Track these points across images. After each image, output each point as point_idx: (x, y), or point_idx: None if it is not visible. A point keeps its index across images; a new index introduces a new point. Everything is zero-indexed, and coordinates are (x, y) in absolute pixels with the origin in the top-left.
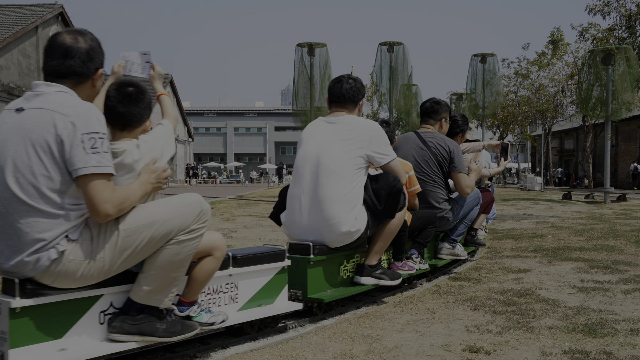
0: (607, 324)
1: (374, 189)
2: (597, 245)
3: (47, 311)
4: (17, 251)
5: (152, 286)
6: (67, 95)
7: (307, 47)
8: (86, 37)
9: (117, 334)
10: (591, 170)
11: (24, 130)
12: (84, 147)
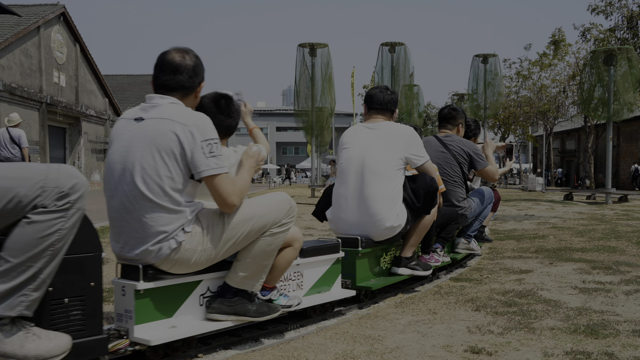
0: (609, 325)
1: (412, 188)
2: (599, 246)
3: (162, 293)
4: (141, 242)
5: (246, 273)
6: (179, 106)
7: (308, 48)
8: (191, 55)
9: (215, 314)
10: (592, 170)
11: (149, 137)
12: (204, 153)
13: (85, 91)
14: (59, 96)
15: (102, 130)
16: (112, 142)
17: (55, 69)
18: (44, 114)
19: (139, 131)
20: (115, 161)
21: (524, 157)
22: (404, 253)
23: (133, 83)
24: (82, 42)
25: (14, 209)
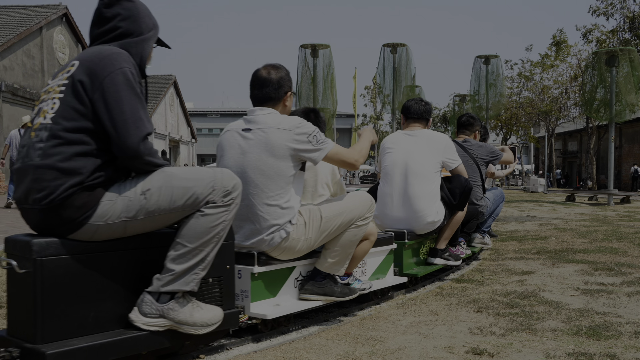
0: (611, 326)
1: (448, 187)
2: (601, 247)
3: (270, 276)
4: (257, 233)
5: (334, 259)
6: (275, 114)
7: (310, 48)
8: (276, 70)
9: (308, 294)
10: (595, 172)
11: (261, 143)
12: (312, 144)
13: None
14: None
15: None
16: (224, 150)
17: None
18: None
19: (250, 140)
20: (231, 166)
21: (526, 158)
22: (439, 245)
23: None
24: (85, 42)
25: (192, 204)
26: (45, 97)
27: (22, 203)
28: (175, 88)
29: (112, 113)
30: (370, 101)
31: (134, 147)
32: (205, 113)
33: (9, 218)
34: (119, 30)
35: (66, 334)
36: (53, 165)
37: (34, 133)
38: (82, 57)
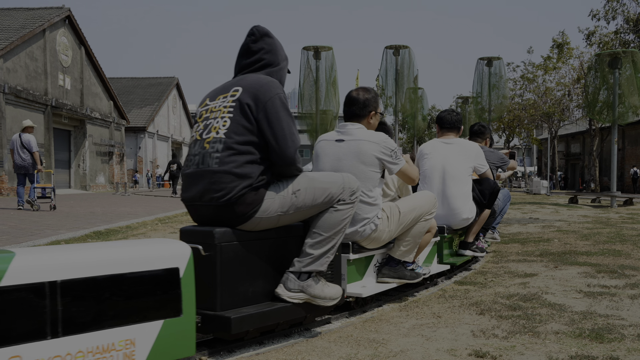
0: (614, 329)
1: (479, 189)
2: (604, 249)
3: (359, 262)
4: (352, 225)
5: (406, 248)
6: (363, 129)
7: (313, 51)
8: (365, 92)
9: (385, 277)
10: (597, 174)
11: (353, 152)
12: (392, 158)
13: (90, 94)
14: (64, 99)
15: (106, 132)
16: (320, 157)
17: (61, 71)
18: (49, 117)
19: (343, 149)
20: (328, 169)
21: (529, 160)
22: (468, 239)
23: (138, 86)
24: (87, 44)
25: (328, 202)
26: (209, 116)
27: (195, 201)
28: (178, 90)
29: (274, 130)
30: None
31: (291, 157)
32: None
33: (12, 220)
34: (263, 61)
35: (236, 304)
36: (229, 171)
37: (208, 145)
38: (244, 84)
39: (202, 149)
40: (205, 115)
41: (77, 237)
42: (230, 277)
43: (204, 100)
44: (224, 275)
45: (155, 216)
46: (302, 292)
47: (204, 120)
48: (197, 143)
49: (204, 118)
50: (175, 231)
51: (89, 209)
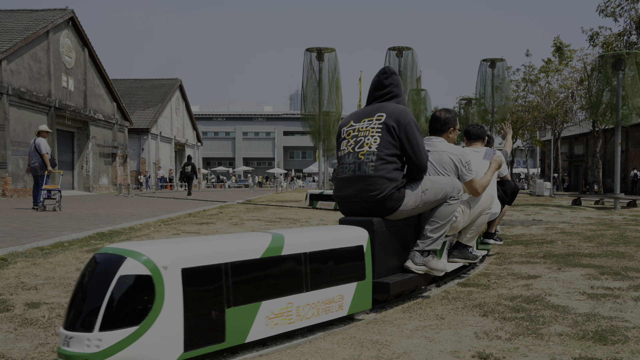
0: (618, 331)
1: (502, 189)
2: (607, 251)
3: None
4: None
5: (471, 235)
6: (445, 142)
7: (316, 52)
8: (446, 112)
9: (455, 258)
10: (601, 175)
11: (437, 161)
12: (466, 169)
13: (93, 95)
14: (68, 100)
15: (110, 134)
16: None
17: (64, 73)
18: (53, 118)
19: (430, 157)
20: None
21: (532, 162)
22: (491, 229)
23: (141, 87)
24: (91, 46)
25: (442, 198)
26: (358, 134)
27: (350, 198)
28: (181, 91)
29: (412, 145)
30: None
31: (424, 165)
32: (211, 116)
33: (15, 222)
34: (392, 93)
35: (385, 274)
36: (382, 176)
37: (363, 156)
38: (387, 111)
39: (357, 159)
40: (353, 133)
41: (80, 238)
42: (382, 254)
43: (348, 121)
44: (378, 253)
45: (158, 217)
46: (424, 266)
47: (353, 137)
48: (350, 155)
49: (353, 136)
50: (179, 232)
51: (92, 210)
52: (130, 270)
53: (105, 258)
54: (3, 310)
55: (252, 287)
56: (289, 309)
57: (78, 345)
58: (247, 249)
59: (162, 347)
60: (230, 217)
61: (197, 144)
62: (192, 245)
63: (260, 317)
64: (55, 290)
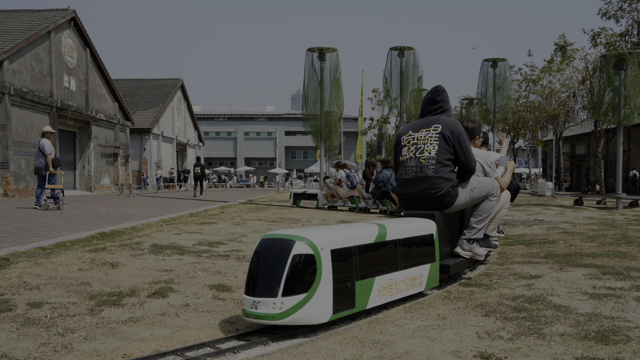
0: (620, 331)
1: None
2: (609, 251)
3: None
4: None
5: (493, 227)
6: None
7: (317, 52)
8: (472, 123)
9: (482, 247)
10: (603, 175)
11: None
12: (491, 169)
13: (95, 95)
14: (69, 100)
15: (111, 134)
16: None
17: (66, 73)
18: (55, 118)
19: None
20: None
21: (534, 162)
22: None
23: (142, 87)
24: (92, 46)
25: (485, 195)
26: (417, 142)
27: (413, 195)
28: (183, 92)
29: (464, 152)
30: (378, 104)
31: (473, 168)
32: (213, 116)
33: (17, 222)
34: (443, 108)
35: (443, 257)
36: (441, 177)
37: (424, 160)
38: (442, 123)
39: (419, 163)
40: (413, 141)
41: (82, 238)
42: (442, 242)
43: (407, 131)
44: (441, 240)
45: (159, 217)
46: (470, 251)
47: (413, 145)
48: (412, 159)
49: (413, 143)
50: (180, 232)
51: (94, 210)
52: (300, 251)
53: (278, 242)
54: (5, 310)
55: (369, 265)
56: (391, 283)
57: (265, 307)
58: (364, 235)
59: (321, 309)
60: (232, 217)
61: (199, 144)
62: (334, 232)
63: (375, 289)
64: (57, 290)
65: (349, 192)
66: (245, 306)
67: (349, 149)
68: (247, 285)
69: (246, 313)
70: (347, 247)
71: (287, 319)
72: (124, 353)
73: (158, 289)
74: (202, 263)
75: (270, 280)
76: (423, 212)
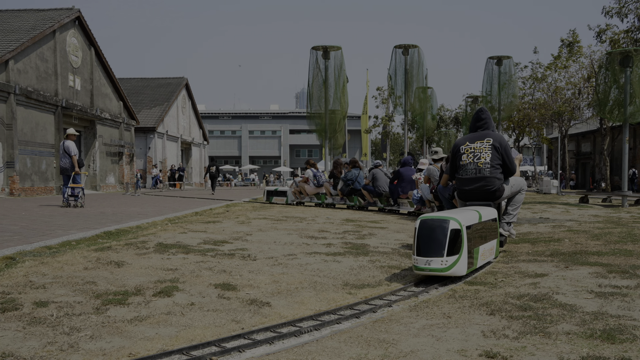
0: (626, 329)
1: None
2: (615, 249)
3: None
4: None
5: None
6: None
7: (322, 50)
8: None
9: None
10: (608, 173)
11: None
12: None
13: (100, 94)
14: (74, 99)
15: (116, 133)
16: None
17: (71, 72)
18: (60, 117)
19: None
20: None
21: (539, 160)
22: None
23: (147, 86)
24: (97, 45)
25: (518, 190)
26: (475, 151)
27: (472, 191)
28: (187, 90)
29: (509, 159)
30: (382, 102)
31: (515, 171)
32: (217, 115)
33: (23, 221)
34: (487, 124)
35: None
36: (495, 177)
37: (481, 165)
38: (492, 137)
39: (477, 166)
40: (470, 150)
41: (88, 237)
42: None
43: (464, 142)
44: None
45: (165, 216)
46: (508, 232)
47: (471, 152)
48: (471, 163)
49: (471, 152)
50: (185, 231)
51: (99, 209)
52: (454, 227)
53: (436, 220)
54: (12, 309)
55: (477, 237)
56: (484, 251)
57: (435, 264)
58: (473, 218)
59: (463, 266)
60: (236, 216)
61: (204, 143)
62: (460, 214)
63: (479, 254)
64: (63, 289)
65: (315, 189)
66: (419, 263)
67: (354, 147)
68: (417, 249)
69: (419, 268)
70: (471, 225)
71: (448, 272)
72: (129, 352)
73: (163, 288)
74: (207, 262)
75: (437, 246)
76: (483, 203)
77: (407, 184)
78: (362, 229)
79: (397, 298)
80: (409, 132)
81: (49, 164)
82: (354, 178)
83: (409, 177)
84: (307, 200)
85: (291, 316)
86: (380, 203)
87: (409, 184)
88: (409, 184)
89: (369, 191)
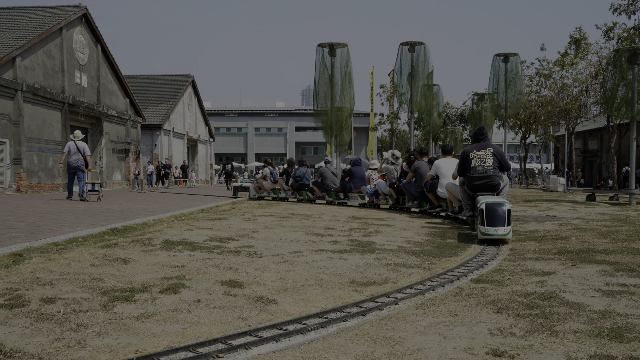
0: (634, 328)
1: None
2: (623, 247)
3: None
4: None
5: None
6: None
7: (328, 47)
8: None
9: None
10: (615, 171)
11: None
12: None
13: (106, 91)
14: (81, 96)
15: (123, 130)
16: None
17: (77, 69)
18: (66, 114)
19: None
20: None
21: (546, 157)
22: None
23: (154, 83)
24: (104, 42)
25: (505, 184)
26: (481, 157)
27: (481, 185)
28: (194, 87)
29: (505, 161)
30: (387, 99)
31: (509, 168)
32: (223, 112)
33: (30, 217)
34: (487, 137)
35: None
36: (497, 175)
37: (488, 167)
38: (492, 147)
39: (484, 168)
40: (478, 156)
41: (95, 234)
42: None
43: (472, 149)
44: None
45: (171, 213)
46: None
47: (479, 158)
48: (479, 166)
49: (478, 157)
50: (191, 228)
51: (105, 206)
52: (508, 207)
53: (497, 204)
54: (19, 306)
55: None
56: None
57: (501, 231)
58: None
59: (511, 234)
60: (242, 213)
61: (210, 140)
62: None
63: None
64: (70, 286)
65: (272, 185)
66: (488, 231)
67: (360, 145)
68: (487, 222)
69: (488, 234)
70: (510, 208)
71: (507, 237)
72: (136, 349)
73: (170, 285)
74: (213, 259)
75: (501, 219)
76: (490, 194)
77: (359, 180)
78: (368, 226)
79: (403, 296)
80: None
81: (56, 160)
82: (302, 175)
83: (360, 175)
84: (265, 194)
85: (297, 313)
86: (329, 197)
87: (361, 180)
88: (360, 180)
89: (318, 186)
